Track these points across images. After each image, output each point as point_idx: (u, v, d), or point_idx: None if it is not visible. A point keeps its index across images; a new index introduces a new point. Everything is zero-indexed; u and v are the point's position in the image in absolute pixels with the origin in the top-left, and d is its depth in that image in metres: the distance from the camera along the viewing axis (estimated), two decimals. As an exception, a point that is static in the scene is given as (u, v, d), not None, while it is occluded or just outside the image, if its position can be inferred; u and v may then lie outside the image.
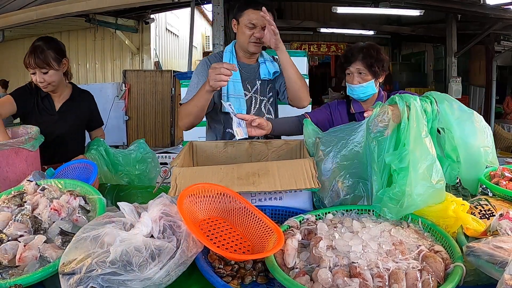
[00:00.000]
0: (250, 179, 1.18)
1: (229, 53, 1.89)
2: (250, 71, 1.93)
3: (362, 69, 1.69)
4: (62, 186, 1.32)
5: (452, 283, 0.79)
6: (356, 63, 1.70)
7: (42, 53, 1.81)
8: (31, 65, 1.81)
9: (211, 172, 1.21)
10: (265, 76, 1.93)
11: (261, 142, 1.61)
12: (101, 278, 0.80)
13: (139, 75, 7.25)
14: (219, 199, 1.13)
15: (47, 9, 5.17)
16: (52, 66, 1.84)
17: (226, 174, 1.20)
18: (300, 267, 0.92)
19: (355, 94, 1.74)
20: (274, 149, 1.57)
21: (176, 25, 10.48)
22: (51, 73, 1.85)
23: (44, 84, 1.86)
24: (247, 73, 1.91)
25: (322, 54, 10.30)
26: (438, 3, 6.03)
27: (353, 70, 1.71)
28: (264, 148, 1.56)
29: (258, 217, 1.09)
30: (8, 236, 1.03)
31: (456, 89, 6.95)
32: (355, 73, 1.71)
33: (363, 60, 1.69)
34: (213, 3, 5.40)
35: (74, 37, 8.36)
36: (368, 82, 1.70)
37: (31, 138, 1.63)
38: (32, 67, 1.82)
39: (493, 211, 1.10)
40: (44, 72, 1.83)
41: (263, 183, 1.17)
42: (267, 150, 1.56)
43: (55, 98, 1.99)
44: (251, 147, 1.56)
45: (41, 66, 1.81)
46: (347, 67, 1.73)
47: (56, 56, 1.87)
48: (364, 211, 1.17)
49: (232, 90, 1.84)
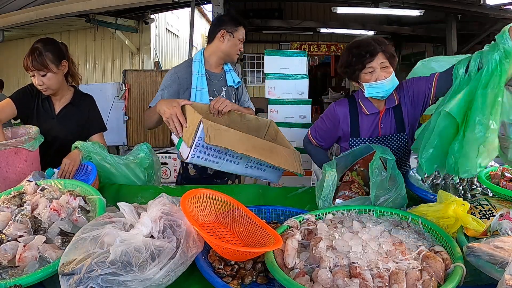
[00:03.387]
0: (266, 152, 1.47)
1: (198, 63, 2.00)
2: (217, 79, 2.06)
3: (385, 62, 1.56)
4: (62, 186, 1.32)
5: (452, 283, 0.79)
6: (378, 57, 1.55)
7: (40, 56, 1.77)
8: (29, 68, 1.78)
9: (233, 133, 1.45)
10: (231, 84, 2.09)
11: (237, 113, 1.83)
12: (100, 278, 0.80)
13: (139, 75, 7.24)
14: (219, 205, 1.14)
15: (47, 9, 5.18)
16: (50, 68, 1.79)
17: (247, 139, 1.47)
18: (300, 267, 0.92)
19: (384, 90, 1.56)
20: (246, 122, 1.84)
21: (176, 25, 10.48)
22: (49, 75, 1.81)
23: (43, 87, 1.82)
24: (214, 81, 2.05)
25: (322, 54, 10.28)
26: (438, 3, 6.03)
27: (376, 65, 1.54)
28: (238, 119, 1.82)
29: (257, 224, 1.09)
30: (8, 236, 1.03)
31: (456, 89, 6.95)
32: (378, 68, 1.55)
33: (383, 53, 1.55)
34: (213, 3, 5.41)
35: (74, 37, 8.35)
36: (392, 74, 1.56)
37: (31, 138, 1.62)
38: (30, 70, 1.78)
39: (493, 211, 1.10)
40: (43, 75, 1.79)
41: (274, 158, 1.48)
42: (240, 121, 1.82)
43: (56, 101, 1.95)
44: (228, 116, 1.80)
45: (39, 68, 1.77)
46: (368, 63, 1.55)
47: (54, 59, 1.82)
48: (364, 211, 1.17)
49: (199, 99, 1.95)
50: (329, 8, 6.73)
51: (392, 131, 1.70)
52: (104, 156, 1.74)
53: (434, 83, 1.55)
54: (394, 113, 1.68)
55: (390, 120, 1.69)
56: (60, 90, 1.93)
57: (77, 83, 2.05)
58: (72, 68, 1.98)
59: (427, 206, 1.12)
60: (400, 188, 1.30)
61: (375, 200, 1.25)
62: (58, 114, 1.95)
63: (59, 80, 1.88)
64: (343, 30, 8.51)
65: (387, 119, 1.68)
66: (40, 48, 1.79)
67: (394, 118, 1.68)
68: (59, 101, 1.96)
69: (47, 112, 1.93)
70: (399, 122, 1.68)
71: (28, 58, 1.78)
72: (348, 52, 1.62)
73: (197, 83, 1.95)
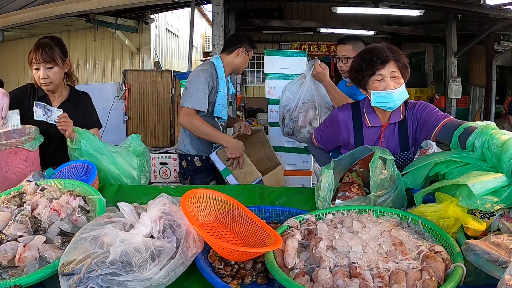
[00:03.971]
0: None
1: (221, 69, 2.23)
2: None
3: (397, 71, 1.48)
4: (62, 186, 1.32)
5: (452, 283, 0.79)
6: (389, 65, 1.47)
7: (50, 49, 1.82)
8: (37, 60, 1.81)
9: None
10: (232, 92, 2.47)
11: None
12: (100, 278, 0.80)
13: (139, 75, 7.26)
14: (219, 205, 1.14)
15: (47, 9, 5.18)
16: (57, 63, 1.85)
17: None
18: (300, 268, 0.92)
19: (392, 101, 1.49)
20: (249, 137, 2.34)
21: (176, 25, 10.49)
22: (55, 69, 1.85)
23: (47, 81, 1.85)
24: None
25: (322, 54, 10.30)
26: (438, 3, 6.04)
27: (386, 73, 1.47)
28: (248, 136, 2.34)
29: (257, 224, 1.09)
30: (7, 236, 1.02)
31: (456, 89, 6.95)
32: (388, 77, 1.47)
33: (395, 62, 1.48)
34: (213, 3, 5.40)
35: (74, 37, 8.35)
36: (403, 86, 1.49)
37: (30, 138, 1.62)
38: (37, 62, 1.82)
39: (493, 210, 1.10)
40: (49, 68, 1.83)
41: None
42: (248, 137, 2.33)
43: (53, 99, 1.98)
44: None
45: (48, 61, 1.81)
46: (378, 70, 1.48)
47: (62, 54, 1.89)
48: (364, 211, 1.17)
49: (222, 101, 2.22)
50: (329, 8, 6.74)
51: (396, 147, 1.61)
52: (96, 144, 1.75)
53: (438, 128, 1.47)
54: (399, 129, 1.59)
55: (394, 135, 1.60)
56: (59, 88, 1.96)
57: (73, 83, 2.08)
58: (70, 68, 2.02)
59: (427, 206, 1.11)
60: (400, 188, 1.30)
61: (375, 200, 1.25)
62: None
63: (61, 76, 1.92)
64: (343, 30, 8.52)
65: (390, 134, 1.60)
66: (49, 42, 1.85)
67: (398, 134, 1.60)
68: (56, 98, 1.99)
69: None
70: (403, 138, 1.59)
71: (37, 50, 1.81)
72: (360, 57, 1.56)
73: (223, 87, 2.22)
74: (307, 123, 2.22)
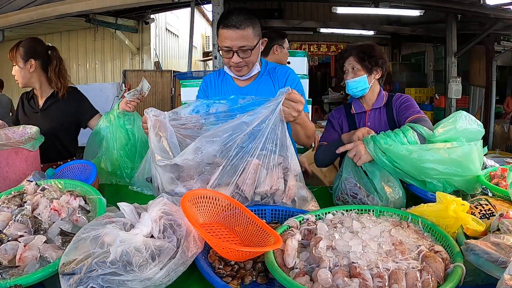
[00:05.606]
0: None
1: None
2: None
3: (355, 64, 1.76)
4: (62, 186, 1.32)
5: (452, 283, 0.79)
6: (349, 59, 1.78)
7: (14, 48, 1.94)
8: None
9: None
10: None
11: None
12: (101, 278, 0.80)
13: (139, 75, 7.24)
14: (219, 205, 1.14)
15: (47, 9, 5.18)
16: (16, 62, 1.94)
17: None
18: (300, 267, 0.92)
19: (349, 89, 1.81)
20: None
21: (176, 25, 10.48)
22: (16, 68, 1.96)
23: (15, 77, 1.98)
24: None
25: (322, 54, 10.29)
26: (438, 3, 6.03)
27: (348, 66, 1.79)
28: None
29: (257, 224, 1.09)
30: (8, 236, 1.03)
31: (456, 89, 6.94)
32: (349, 69, 1.78)
33: (355, 56, 1.76)
34: (213, 3, 5.39)
35: (74, 37, 8.35)
36: (361, 77, 1.76)
37: (31, 138, 1.63)
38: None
39: (493, 211, 1.10)
40: (14, 65, 1.97)
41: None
42: None
43: (39, 97, 2.08)
44: None
45: (11, 59, 1.95)
46: (343, 64, 1.81)
47: (24, 55, 1.95)
48: (364, 211, 1.17)
49: None
50: (329, 8, 6.73)
51: (386, 128, 1.72)
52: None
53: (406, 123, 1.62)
54: (386, 112, 1.81)
55: (379, 118, 1.82)
56: (42, 87, 2.05)
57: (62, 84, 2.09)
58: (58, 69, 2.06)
59: (427, 206, 1.12)
60: (400, 188, 1.31)
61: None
62: (41, 108, 2.06)
63: (25, 75, 1.99)
64: (343, 30, 8.52)
65: (375, 118, 1.82)
66: (20, 42, 1.96)
67: (386, 116, 1.81)
68: (41, 97, 2.08)
69: (33, 108, 2.07)
70: (391, 121, 1.79)
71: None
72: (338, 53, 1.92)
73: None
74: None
